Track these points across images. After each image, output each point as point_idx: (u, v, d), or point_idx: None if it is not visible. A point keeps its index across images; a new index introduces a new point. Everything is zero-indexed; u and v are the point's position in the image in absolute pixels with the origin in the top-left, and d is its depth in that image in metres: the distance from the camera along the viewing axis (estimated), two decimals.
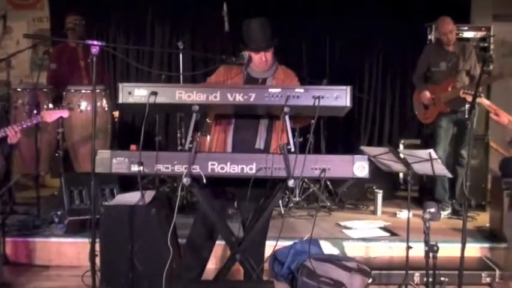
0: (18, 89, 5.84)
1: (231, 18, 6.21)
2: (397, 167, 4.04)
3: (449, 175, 4.01)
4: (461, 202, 6.14)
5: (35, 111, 5.39)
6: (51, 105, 5.59)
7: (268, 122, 3.85)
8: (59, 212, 5.15)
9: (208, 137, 6.21)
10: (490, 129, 6.71)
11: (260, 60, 3.83)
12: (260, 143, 3.81)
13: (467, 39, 6.56)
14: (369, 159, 3.51)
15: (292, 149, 3.42)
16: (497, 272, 4.64)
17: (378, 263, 4.83)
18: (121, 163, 3.43)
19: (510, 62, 7.30)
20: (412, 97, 6.53)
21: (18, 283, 4.49)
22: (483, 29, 6.57)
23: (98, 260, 4.11)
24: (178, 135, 6.63)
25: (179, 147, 6.64)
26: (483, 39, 6.58)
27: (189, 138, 3.48)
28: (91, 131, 5.52)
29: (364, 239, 5.14)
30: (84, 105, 5.72)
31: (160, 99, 3.36)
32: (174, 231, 4.48)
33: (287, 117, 3.45)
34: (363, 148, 4.03)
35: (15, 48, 7.34)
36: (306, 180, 6.27)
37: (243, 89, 3.41)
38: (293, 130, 3.64)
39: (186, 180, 3.37)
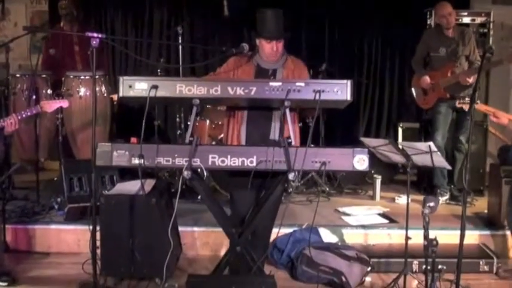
0: (17, 75, 5.82)
1: (230, 3, 6.17)
2: (397, 158, 4.04)
3: (449, 167, 4.02)
4: (460, 188, 6.19)
5: (34, 97, 5.38)
6: (50, 91, 5.60)
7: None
8: (58, 199, 5.17)
9: (208, 122, 6.30)
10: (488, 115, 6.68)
11: (271, 50, 3.82)
12: (275, 134, 3.80)
13: (467, 25, 6.51)
14: (369, 150, 3.52)
15: (293, 143, 3.44)
16: (495, 260, 4.67)
17: (377, 250, 4.86)
18: (121, 156, 3.44)
19: (509, 47, 7.25)
20: (410, 81, 6.51)
21: (19, 271, 4.50)
22: (483, 14, 6.52)
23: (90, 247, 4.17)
24: (178, 119, 6.61)
25: (178, 132, 6.63)
26: (483, 24, 6.54)
27: (189, 131, 3.48)
28: (90, 116, 5.61)
29: (363, 226, 5.16)
30: (83, 91, 5.70)
31: (161, 92, 3.37)
32: (174, 221, 4.51)
33: (287, 111, 3.46)
34: (363, 139, 4.03)
35: (13, 30, 7.31)
36: None
37: (243, 83, 3.42)
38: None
39: (186, 174, 3.38)
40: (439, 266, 4.56)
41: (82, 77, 5.69)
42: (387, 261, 4.66)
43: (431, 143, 3.75)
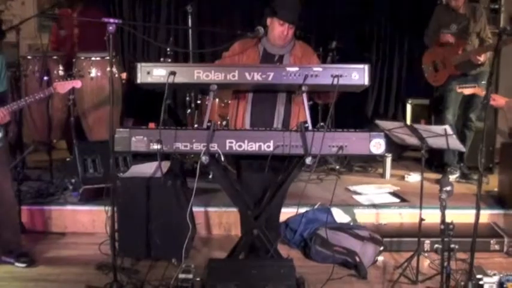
0: (29, 57, 5.81)
1: None
2: (412, 140, 4.07)
3: (463, 149, 4.04)
4: (469, 165, 6.22)
5: (45, 78, 5.38)
6: (61, 73, 5.59)
7: (286, 96, 3.85)
8: (72, 180, 5.21)
9: (217, 100, 6.30)
10: (499, 92, 6.68)
11: (281, 33, 3.78)
12: (278, 121, 3.82)
13: (477, 1, 6.46)
14: (384, 133, 3.55)
15: (310, 127, 3.46)
16: (506, 239, 4.72)
17: (388, 229, 4.91)
18: (140, 141, 3.46)
19: None
20: (420, 57, 6.49)
21: (36, 251, 4.59)
22: None
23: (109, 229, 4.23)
24: (188, 98, 6.59)
25: (188, 111, 6.63)
26: (494, 0, 6.49)
27: (207, 116, 3.50)
28: (102, 97, 5.68)
29: (374, 206, 5.21)
30: (94, 72, 5.69)
31: (179, 78, 3.39)
32: (187, 203, 4.56)
33: (305, 96, 3.47)
34: (378, 122, 4.05)
35: (20, 8, 7.28)
36: None
37: (261, 68, 3.43)
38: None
39: (205, 159, 3.41)
40: (451, 245, 4.63)
41: (93, 58, 5.68)
42: (399, 240, 4.73)
43: (447, 126, 3.77)
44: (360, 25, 7.62)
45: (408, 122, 6.83)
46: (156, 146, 3.44)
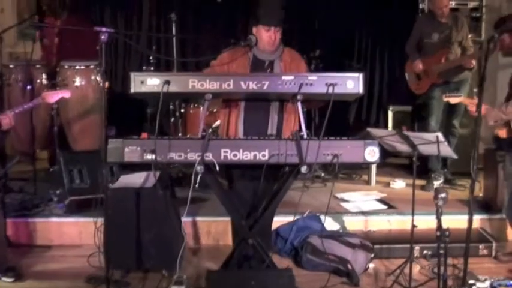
0: (11, 66, 5.72)
1: None
2: (403, 147, 4.09)
3: (455, 156, 4.07)
4: (453, 171, 6.30)
5: (28, 88, 5.31)
6: (45, 81, 5.52)
7: (279, 104, 3.85)
8: (57, 191, 5.12)
9: (202, 107, 6.28)
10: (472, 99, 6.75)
11: (269, 38, 3.81)
12: (272, 128, 3.82)
13: (456, 9, 6.54)
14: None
15: (305, 136, 3.46)
16: (494, 244, 4.77)
17: (378, 236, 4.92)
18: (133, 152, 3.43)
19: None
20: (401, 64, 6.54)
21: (23, 265, 4.48)
22: None
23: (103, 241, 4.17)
24: (171, 107, 6.56)
25: (172, 119, 6.59)
26: (475, 9, 6.58)
27: (201, 126, 3.48)
28: (86, 106, 5.61)
29: (362, 213, 5.23)
30: (78, 81, 5.63)
31: (173, 88, 3.36)
32: (177, 213, 4.53)
33: (299, 104, 3.47)
34: (370, 130, 4.06)
35: (0, 16, 7.16)
36: None
37: (256, 77, 3.43)
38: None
39: (199, 169, 3.38)
40: (441, 251, 4.67)
41: (77, 67, 5.62)
42: (389, 247, 4.73)
43: (439, 134, 3.80)
44: (341, 33, 7.65)
45: (390, 128, 6.87)
46: (150, 156, 3.41)
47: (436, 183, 6.05)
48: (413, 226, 4.14)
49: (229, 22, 7.48)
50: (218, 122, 5.93)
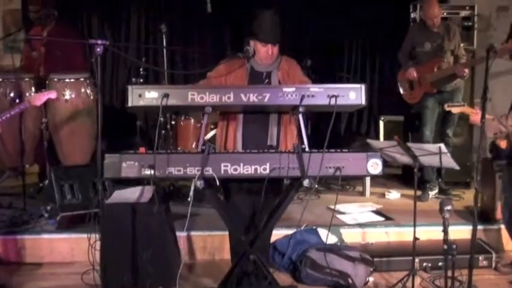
0: None
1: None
2: (403, 159, 4.04)
3: (457, 167, 4.01)
4: (447, 181, 6.27)
5: (17, 101, 5.19)
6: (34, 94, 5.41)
7: (278, 116, 3.78)
8: (48, 207, 5.00)
9: (192, 121, 6.19)
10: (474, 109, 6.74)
11: (266, 53, 3.75)
12: (272, 139, 3.74)
13: (447, 18, 6.52)
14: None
15: (307, 148, 3.39)
16: (494, 255, 4.72)
17: (377, 249, 4.85)
18: (131, 167, 3.33)
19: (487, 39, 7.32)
20: (392, 74, 6.49)
21: (13, 283, 4.36)
22: (467, 7, 6.55)
23: (97, 258, 4.06)
24: (161, 119, 6.45)
25: (163, 132, 6.49)
26: (467, 18, 6.57)
27: (201, 140, 3.40)
28: (77, 120, 5.50)
29: (360, 225, 5.16)
30: (68, 93, 5.51)
31: (172, 101, 3.28)
32: (172, 228, 4.43)
33: (301, 116, 3.41)
34: (370, 141, 4.01)
35: None
36: None
37: (257, 89, 3.37)
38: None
39: (199, 184, 3.30)
40: (439, 263, 4.62)
41: (67, 80, 5.50)
42: (389, 260, 4.67)
43: (441, 145, 3.75)
44: (331, 43, 7.62)
45: (381, 138, 6.83)
46: (148, 172, 3.31)
47: (432, 194, 6.02)
48: (416, 239, 4.07)
49: (219, 33, 7.41)
50: (211, 134, 5.88)
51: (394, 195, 6.12)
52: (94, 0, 7.23)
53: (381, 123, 7.25)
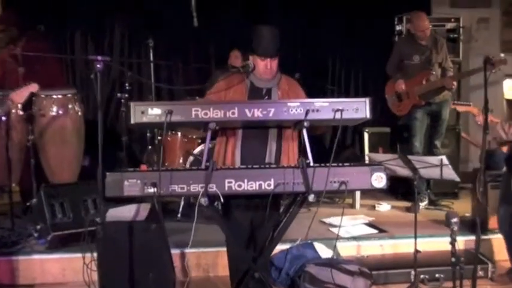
0: None
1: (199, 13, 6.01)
2: (403, 172, 4.04)
3: (458, 179, 4.02)
4: (435, 192, 6.31)
5: (4, 119, 5.07)
6: (20, 112, 5.31)
7: (277, 131, 3.74)
8: (38, 226, 4.88)
9: (179, 135, 6.13)
10: (460, 119, 6.83)
11: (265, 67, 3.71)
12: (271, 156, 3.70)
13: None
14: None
15: (311, 163, 3.36)
16: (490, 265, 4.74)
17: (373, 262, 4.84)
18: (133, 185, 3.25)
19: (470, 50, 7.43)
20: (375, 86, 6.50)
21: None
22: (452, 20, 6.64)
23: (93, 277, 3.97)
24: (148, 134, 6.37)
25: (149, 147, 6.41)
26: (452, 30, 6.65)
27: (205, 156, 3.34)
28: (65, 137, 5.40)
29: (354, 238, 5.14)
30: (55, 110, 5.41)
31: (176, 117, 3.22)
32: (167, 246, 4.35)
33: (305, 131, 3.37)
34: (369, 155, 4.02)
35: None
36: None
37: (261, 104, 3.33)
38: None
39: (204, 201, 3.24)
40: (436, 275, 4.63)
41: (54, 96, 5.40)
42: (386, 273, 4.66)
43: (443, 157, 3.75)
44: (318, 56, 7.64)
45: (366, 150, 6.85)
46: (151, 190, 3.24)
47: (422, 205, 6.05)
48: (417, 251, 4.06)
49: (205, 47, 7.38)
50: (199, 149, 5.82)
51: (384, 207, 6.13)
52: (77, 15, 7.10)
53: (366, 135, 7.27)
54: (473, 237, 5.14)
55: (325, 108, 3.31)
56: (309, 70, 7.32)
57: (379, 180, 3.40)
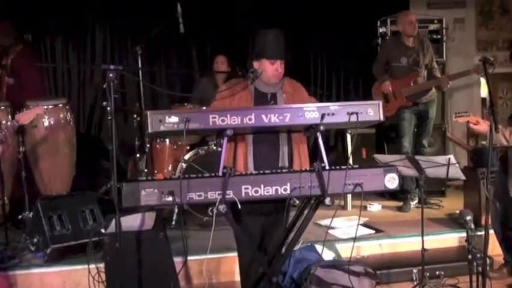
0: None
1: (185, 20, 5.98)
2: (409, 172, 4.09)
3: (463, 177, 4.09)
4: (425, 191, 6.37)
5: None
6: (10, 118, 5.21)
7: (287, 135, 3.75)
8: (35, 240, 4.77)
9: (167, 142, 6.09)
10: (446, 119, 6.95)
11: (275, 71, 3.70)
12: (284, 160, 3.70)
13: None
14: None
15: (327, 166, 3.38)
16: (488, 261, 4.82)
17: (373, 262, 4.89)
18: (151, 194, 3.22)
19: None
20: (356, 88, 6.56)
21: None
22: (436, 21, 6.76)
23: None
24: (137, 142, 6.29)
25: (137, 155, 6.33)
26: (435, 31, 6.77)
27: (222, 163, 3.33)
28: (57, 147, 5.31)
29: (353, 239, 5.16)
30: (47, 120, 5.32)
31: (194, 125, 3.20)
32: (170, 253, 4.33)
33: (319, 135, 3.40)
34: (376, 156, 4.04)
35: None
36: None
37: (277, 110, 3.34)
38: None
39: (222, 208, 3.23)
40: (437, 272, 4.70)
41: (46, 106, 5.29)
42: (388, 272, 4.71)
43: (451, 156, 3.81)
44: (298, 58, 7.67)
45: (349, 151, 6.90)
46: (168, 198, 3.21)
47: (413, 204, 6.13)
48: (424, 250, 4.12)
49: (184, 54, 7.36)
50: (189, 155, 5.78)
51: (375, 207, 6.20)
52: (57, 23, 7.00)
53: (348, 136, 7.33)
54: (463, 234, 5.28)
55: (339, 111, 3.33)
56: (292, 74, 7.34)
57: (392, 181, 3.45)
